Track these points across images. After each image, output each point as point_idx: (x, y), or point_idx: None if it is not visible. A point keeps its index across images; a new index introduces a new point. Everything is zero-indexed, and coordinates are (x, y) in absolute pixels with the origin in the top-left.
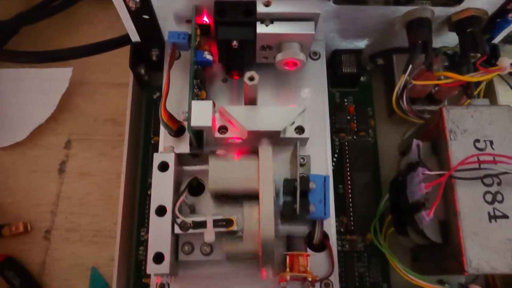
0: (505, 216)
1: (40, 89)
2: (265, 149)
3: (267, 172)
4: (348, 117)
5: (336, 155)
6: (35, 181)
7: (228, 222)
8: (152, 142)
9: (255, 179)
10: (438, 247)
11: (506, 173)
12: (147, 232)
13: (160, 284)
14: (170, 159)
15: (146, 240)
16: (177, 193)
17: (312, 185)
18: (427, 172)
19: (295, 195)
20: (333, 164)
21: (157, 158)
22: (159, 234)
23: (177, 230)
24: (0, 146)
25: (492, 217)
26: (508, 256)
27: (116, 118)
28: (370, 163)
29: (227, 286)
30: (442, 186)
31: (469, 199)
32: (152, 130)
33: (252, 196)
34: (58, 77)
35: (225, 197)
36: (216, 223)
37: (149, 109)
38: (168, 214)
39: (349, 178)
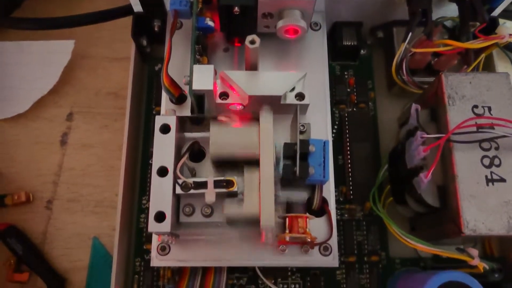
0: (502, 180)
1: (42, 61)
2: (265, 114)
3: (268, 136)
4: (348, 90)
5: (335, 127)
6: (37, 152)
7: (229, 183)
8: (154, 112)
9: (256, 144)
10: (436, 214)
11: (504, 136)
12: (149, 200)
13: (161, 246)
14: (172, 122)
15: (148, 208)
16: (178, 157)
17: (311, 148)
18: (426, 135)
19: (295, 159)
20: (333, 135)
21: (159, 121)
22: (161, 194)
23: (178, 190)
24: (3, 117)
25: (490, 181)
26: (504, 218)
27: (118, 92)
28: (370, 134)
29: (227, 250)
30: (440, 148)
31: (466, 162)
32: (154, 101)
33: (253, 162)
34: (60, 50)
35: (226, 163)
36: (217, 183)
37: (151, 82)
38: (170, 175)
39: (348, 149)
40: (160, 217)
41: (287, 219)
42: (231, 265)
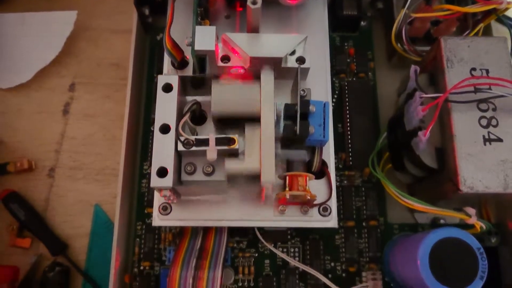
0: (499, 140)
1: (45, 32)
2: (266, 72)
3: (269, 93)
4: (348, 60)
5: (335, 96)
6: (39, 122)
7: (230, 140)
8: (155, 81)
9: (257, 101)
10: (434, 177)
11: (502, 96)
12: (150, 165)
13: (163, 206)
14: (174, 81)
15: (149, 174)
16: (180, 117)
17: (312, 108)
18: (424, 95)
19: (295, 120)
20: (333, 104)
21: (161, 80)
22: (163, 150)
23: (180, 147)
24: (5, 87)
25: (487, 140)
26: (501, 176)
27: (120, 63)
28: (369, 103)
29: (227, 210)
30: (438, 107)
31: (464, 123)
32: (155, 70)
33: (254, 119)
34: (63, 20)
35: (227, 124)
36: (218, 141)
37: (152, 52)
38: (172, 132)
39: (348, 117)
40: (162, 172)
41: (287, 178)
42: (232, 225)
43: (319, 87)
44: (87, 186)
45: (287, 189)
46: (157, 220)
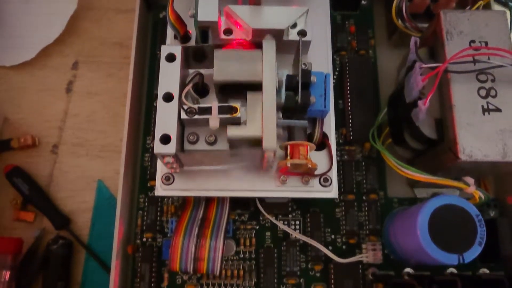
0: (498, 110)
1: (49, 10)
2: (269, 41)
3: (271, 61)
4: (349, 38)
5: (336, 73)
6: (43, 99)
7: (232, 109)
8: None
9: (259, 69)
10: (433, 150)
11: (501, 66)
12: (153, 139)
13: (165, 176)
14: (177, 51)
15: (152, 148)
16: (183, 87)
17: (313, 78)
18: (424, 65)
19: (297, 90)
20: (334, 81)
21: (165, 50)
22: (166, 118)
23: (183, 115)
24: (9, 64)
25: (486, 110)
26: (499, 145)
27: (123, 42)
28: (370, 80)
29: (229, 181)
30: (438, 76)
31: (463, 93)
32: (158, 47)
33: (256, 88)
34: (66, 0)
35: (229, 95)
36: (221, 109)
37: (155, 30)
38: (175, 101)
39: (348, 93)
40: (165, 139)
41: (288, 147)
42: (234, 196)
43: (320, 62)
44: (90, 162)
45: (288, 157)
46: (160, 190)
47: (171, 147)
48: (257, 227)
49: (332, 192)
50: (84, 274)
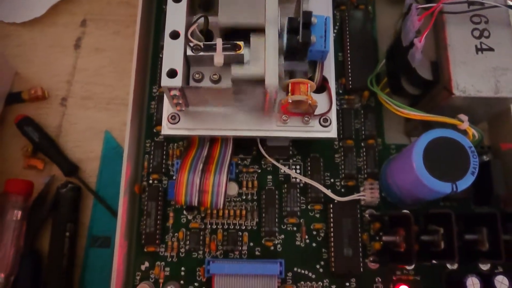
0: (491, 49)
1: None
2: None
3: (273, 4)
4: None
5: (336, 28)
6: (52, 55)
7: (236, 46)
8: (164, 12)
9: (262, 13)
10: (429, 95)
11: (495, 6)
12: (159, 87)
13: (172, 116)
14: None
15: (158, 96)
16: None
17: (314, 19)
18: (420, 5)
19: (298, 32)
20: (334, 35)
21: None
22: (173, 54)
23: (189, 52)
24: (20, 21)
25: (479, 50)
26: (492, 81)
27: (130, 1)
28: (369, 34)
29: (233, 121)
30: (434, 15)
31: (458, 33)
32: (164, 2)
33: (259, 30)
34: None
35: (233, 38)
36: (225, 46)
37: None
38: (181, 39)
39: (348, 46)
40: (172, 73)
41: (289, 85)
42: (237, 135)
43: (321, 13)
44: (97, 114)
45: (289, 94)
46: (166, 129)
47: (178, 81)
48: (259, 171)
49: (331, 132)
50: (92, 218)
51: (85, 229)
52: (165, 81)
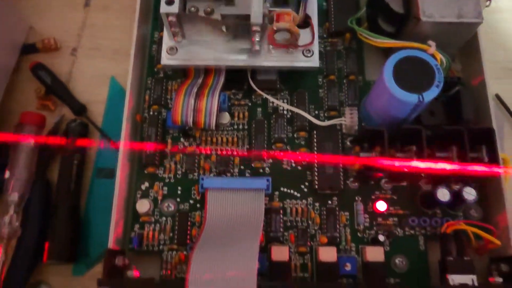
0: None
1: None
2: None
3: None
4: None
5: None
6: (63, 12)
7: None
8: None
9: None
10: (402, 32)
11: None
12: (161, 30)
13: (170, 48)
14: None
15: (158, 39)
16: None
17: None
18: None
19: None
20: None
21: None
22: None
23: None
24: None
25: None
26: (455, 9)
27: None
28: None
29: (225, 53)
30: None
31: None
32: None
33: None
34: None
35: None
36: None
37: None
38: None
39: None
40: (170, 1)
41: (274, 15)
42: (228, 64)
43: None
44: (104, 63)
45: (274, 22)
46: (165, 59)
47: (175, 8)
48: (250, 104)
49: (314, 61)
50: (97, 153)
51: (91, 163)
52: (164, 8)
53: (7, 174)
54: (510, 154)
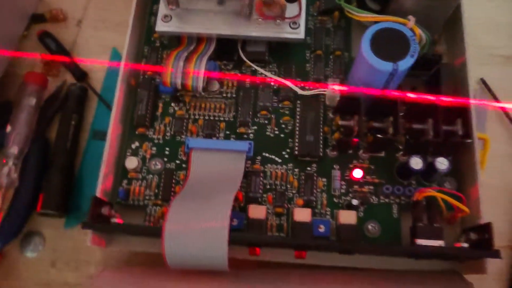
0: None
1: None
2: None
3: None
4: None
5: None
6: None
7: None
8: None
9: None
10: (387, 9)
11: None
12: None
13: (165, 15)
14: None
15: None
16: None
17: None
18: None
19: None
20: None
21: None
22: None
23: None
24: None
25: None
26: None
27: None
28: None
29: (217, 23)
30: None
31: None
32: None
33: None
34: None
35: None
36: None
37: None
38: None
39: None
40: None
41: None
42: (219, 33)
43: None
44: (107, 34)
45: None
46: (159, 26)
47: None
48: (239, 74)
49: (300, 34)
50: (95, 116)
51: (88, 125)
52: None
53: (8, 129)
54: (491, 136)
